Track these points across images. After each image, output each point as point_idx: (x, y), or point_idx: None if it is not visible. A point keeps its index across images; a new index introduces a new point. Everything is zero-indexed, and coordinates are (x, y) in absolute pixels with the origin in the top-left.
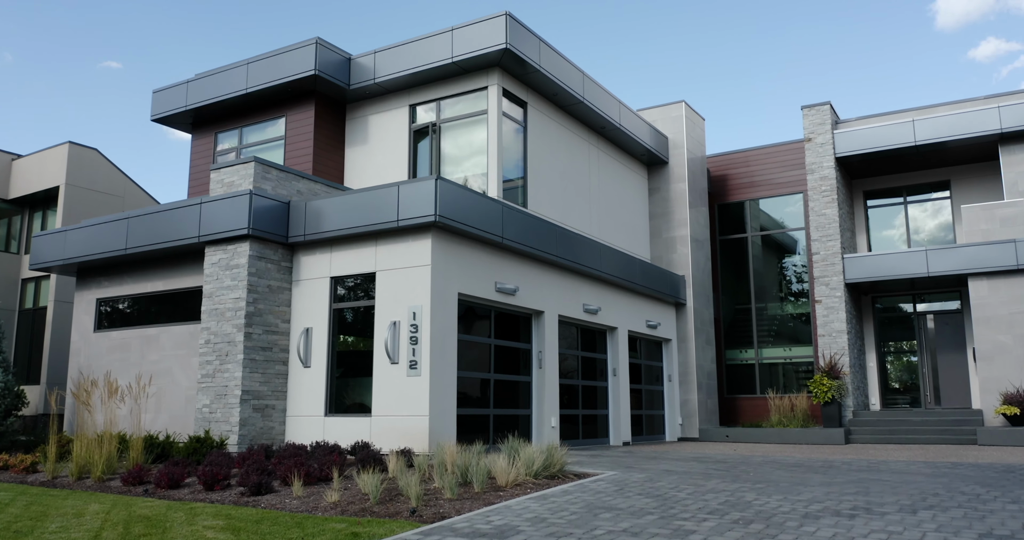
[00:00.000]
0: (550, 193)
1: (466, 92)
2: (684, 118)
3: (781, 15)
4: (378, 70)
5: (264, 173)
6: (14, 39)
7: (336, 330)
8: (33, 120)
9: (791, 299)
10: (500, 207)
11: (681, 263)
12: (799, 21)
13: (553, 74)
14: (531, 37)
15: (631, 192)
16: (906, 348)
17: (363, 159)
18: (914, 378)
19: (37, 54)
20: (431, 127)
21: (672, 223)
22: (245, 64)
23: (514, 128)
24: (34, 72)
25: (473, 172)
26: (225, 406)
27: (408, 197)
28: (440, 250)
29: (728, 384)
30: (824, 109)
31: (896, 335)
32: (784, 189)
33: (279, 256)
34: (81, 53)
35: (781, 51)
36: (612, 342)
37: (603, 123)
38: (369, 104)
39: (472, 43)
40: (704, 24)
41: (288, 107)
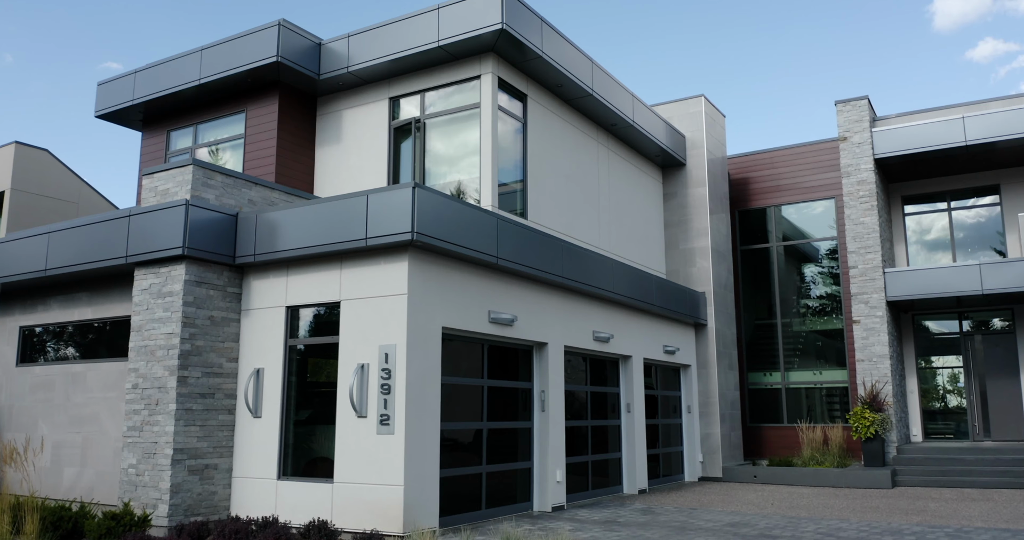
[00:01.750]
0: (553, 200)
1: (455, 82)
2: (704, 114)
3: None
4: (352, 57)
5: (206, 179)
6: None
7: (293, 372)
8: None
9: (820, 316)
10: (495, 220)
11: (700, 278)
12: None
13: (557, 61)
14: (532, 17)
15: (644, 198)
16: (950, 371)
17: (336, 161)
18: (958, 403)
19: (37, 54)
20: (414, 124)
21: (690, 233)
22: (199, 51)
23: (512, 125)
24: (34, 72)
25: (463, 176)
26: (154, 468)
27: (379, 209)
28: (419, 275)
29: (751, 411)
30: (861, 105)
31: (939, 356)
32: (814, 194)
33: (224, 280)
34: (81, 53)
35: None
36: (626, 373)
37: (614, 120)
38: (343, 97)
39: (462, 23)
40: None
41: (249, 101)
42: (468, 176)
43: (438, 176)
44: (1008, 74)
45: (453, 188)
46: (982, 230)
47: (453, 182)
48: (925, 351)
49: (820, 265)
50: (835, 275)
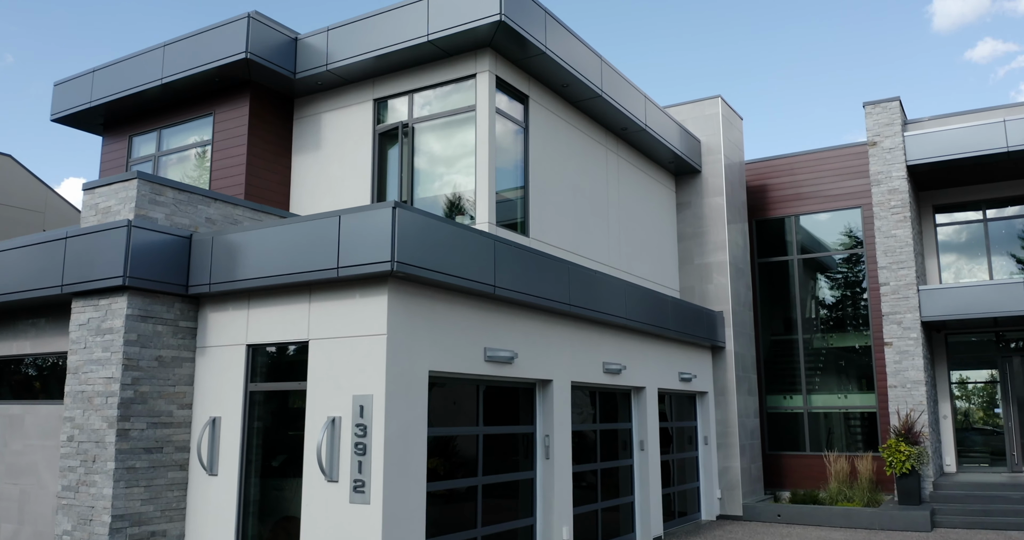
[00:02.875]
0: (558, 214)
1: (447, 82)
2: (721, 117)
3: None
4: (332, 53)
5: (154, 195)
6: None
7: (256, 422)
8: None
9: (844, 334)
10: (491, 243)
11: (718, 296)
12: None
13: (563, 58)
14: (534, 7)
15: (657, 208)
16: (986, 393)
17: (315, 170)
18: (993, 427)
19: (38, 55)
20: (402, 128)
21: (706, 246)
22: (162, 47)
23: (512, 130)
24: (35, 73)
25: (457, 188)
26: (90, 536)
27: (353, 233)
28: (401, 311)
29: (770, 437)
30: (892, 107)
31: (973, 377)
32: (838, 203)
33: (175, 314)
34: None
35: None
36: (638, 406)
37: (625, 123)
38: (322, 98)
39: (454, 14)
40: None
41: (217, 102)
42: (462, 188)
43: (428, 187)
44: (1007, 74)
45: (445, 202)
46: (1022, 242)
47: (445, 194)
48: (958, 371)
49: (845, 279)
50: (861, 290)
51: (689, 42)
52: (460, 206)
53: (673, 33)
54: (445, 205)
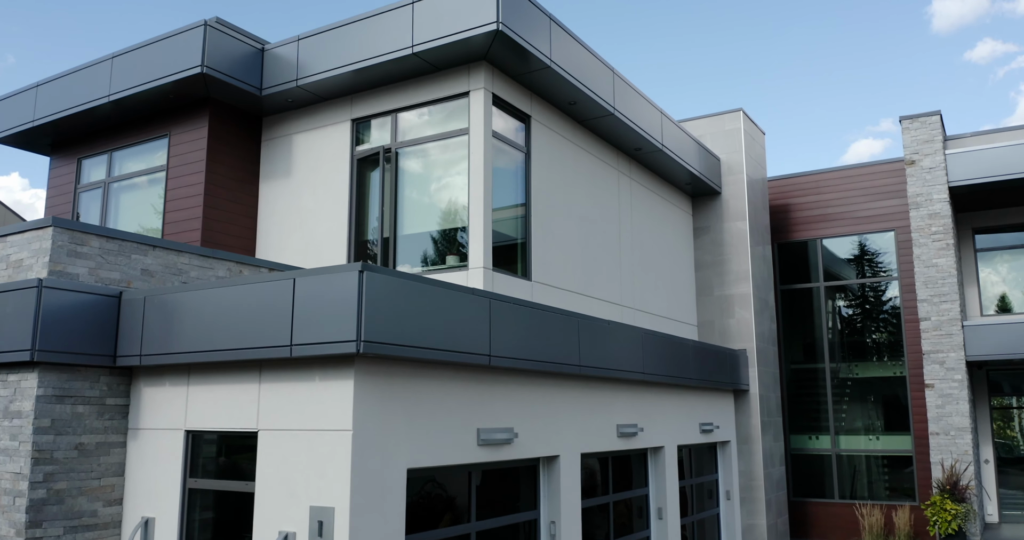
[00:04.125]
0: (564, 251)
1: (436, 101)
2: (743, 132)
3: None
4: (303, 66)
5: (75, 245)
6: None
7: (195, 528)
8: None
9: (876, 367)
10: (486, 304)
11: (740, 332)
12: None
13: (571, 73)
14: (536, 14)
15: (673, 235)
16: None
17: (285, 200)
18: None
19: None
20: (383, 154)
21: (727, 276)
22: (110, 59)
23: (511, 155)
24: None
25: (447, 225)
26: None
27: (311, 301)
28: (373, 398)
29: (795, 482)
30: (932, 122)
31: (1015, 415)
32: (868, 225)
33: (102, 389)
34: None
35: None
36: (656, 468)
37: (639, 143)
38: (293, 117)
39: (443, 22)
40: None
41: (173, 122)
42: (453, 224)
43: (414, 222)
44: (1007, 75)
45: (433, 240)
46: None
47: (433, 231)
48: (999, 409)
49: (875, 308)
50: (893, 317)
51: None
52: (451, 245)
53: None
54: (433, 246)
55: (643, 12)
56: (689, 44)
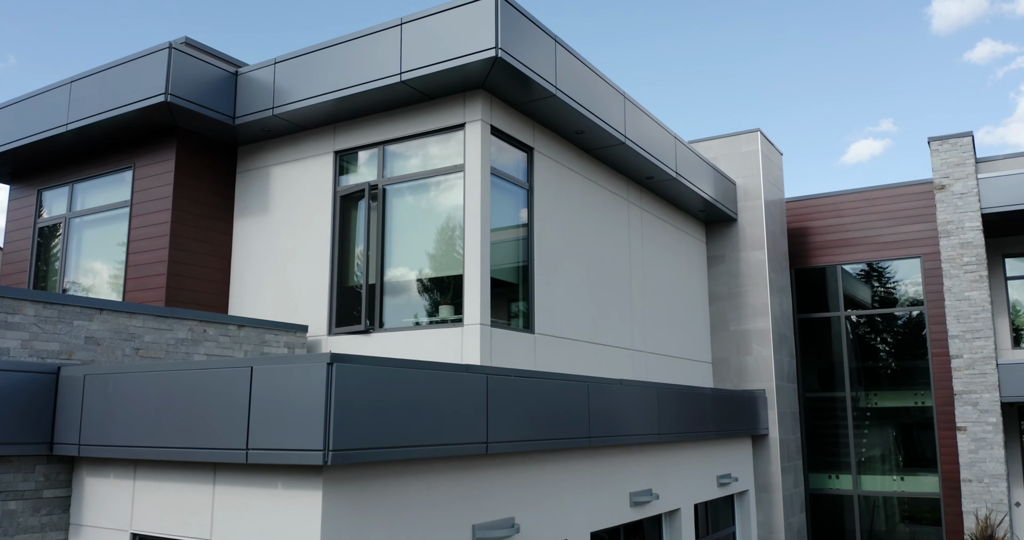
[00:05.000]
0: (571, 294)
1: (428, 133)
2: (760, 154)
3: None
4: (280, 93)
5: (5, 314)
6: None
7: None
8: None
9: (900, 398)
10: (483, 382)
11: (759, 370)
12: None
13: (579, 101)
14: (540, 36)
15: (686, 266)
16: None
17: (262, 240)
18: None
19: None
20: (369, 191)
21: (744, 309)
22: (69, 83)
23: (512, 192)
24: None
25: (440, 271)
26: None
27: (272, 398)
28: (345, 509)
29: (814, 526)
30: (964, 143)
31: None
32: (892, 251)
33: (38, 481)
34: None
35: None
36: (671, 531)
37: (652, 171)
38: (271, 147)
39: (435, 47)
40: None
41: (138, 152)
42: (447, 270)
43: (403, 268)
44: (1006, 75)
45: (423, 288)
46: None
47: (425, 278)
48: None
49: (899, 339)
50: (918, 346)
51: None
52: (444, 294)
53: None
54: (425, 294)
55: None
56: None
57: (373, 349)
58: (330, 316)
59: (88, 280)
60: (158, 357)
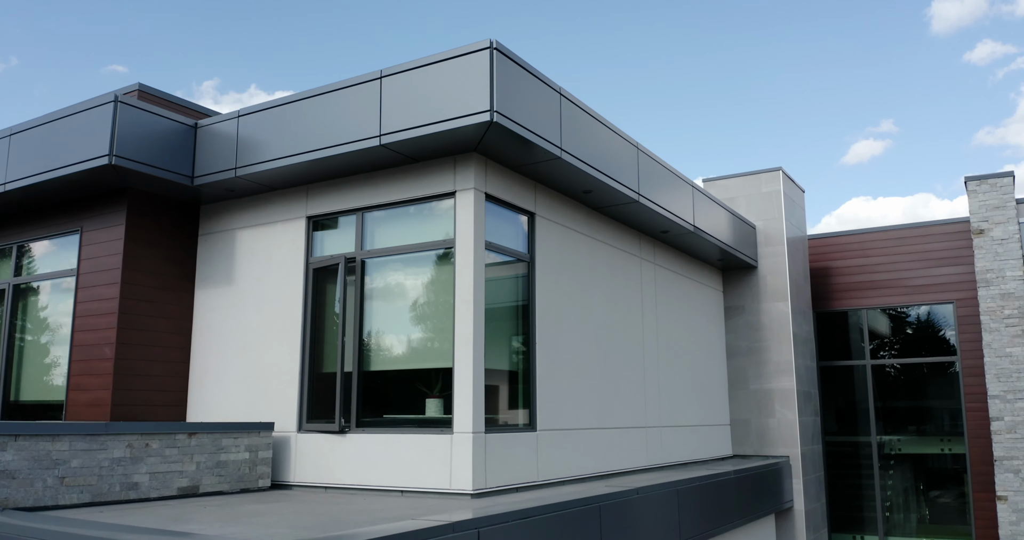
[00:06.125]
0: (578, 376)
1: (413, 201)
2: (782, 195)
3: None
4: (245, 151)
5: None
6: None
7: None
8: None
9: (921, 436)
10: (473, 538)
11: (782, 434)
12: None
13: (587, 161)
14: (543, 91)
15: (702, 320)
16: None
17: (225, 315)
18: None
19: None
20: (346, 264)
21: (765, 366)
22: (7, 137)
23: (509, 267)
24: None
25: (427, 362)
26: None
27: None
28: None
29: None
30: (1005, 184)
31: None
32: (923, 295)
33: None
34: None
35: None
36: None
37: (668, 226)
38: (236, 209)
39: (420, 108)
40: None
41: (85, 213)
42: (434, 361)
43: (385, 356)
44: (1006, 76)
45: (407, 381)
46: None
47: (410, 369)
48: None
49: (930, 387)
50: (948, 394)
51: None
52: (432, 386)
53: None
54: (408, 387)
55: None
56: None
57: (348, 454)
58: (300, 409)
59: (32, 358)
60: (89, 484)
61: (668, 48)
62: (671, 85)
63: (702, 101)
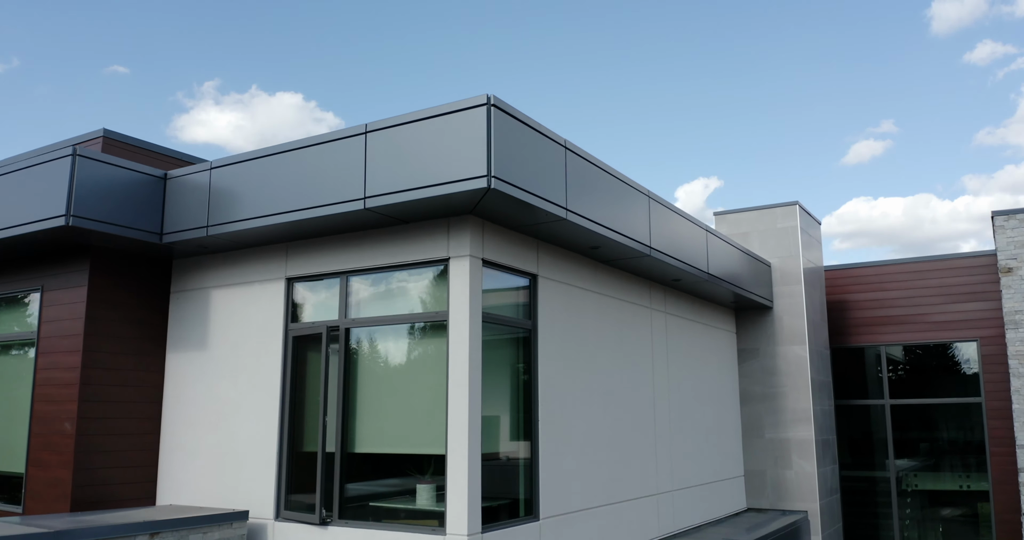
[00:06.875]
0: (584, 452)
1: (403, 266)
2: (799, 231)
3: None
4: (217, 208)
5: None
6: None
7: None
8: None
9: (935, 472)
10: None
11: (800, 487)
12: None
13: (596, 220)
14: (546, 146)
15: (714, 366)
16: None
17: (197, 383)
18: None
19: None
20: (329, 333)
21: (782, 414)
22: None
23: (509, 337)
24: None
25: (418, 447)
26: None
27: None
28: None
29: None
30: None
31: None
32: (944, 332)
33: None
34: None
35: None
36: None
37: (680, 274)
38: (210, 265)
39: (409, 169)
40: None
41: (47, 270)
42: (426, 446)
43: (372, 436)
44: (1006, 76)
45: (394, 466)
46: None
47: (398, 451)
48: None
49: (950, 424)
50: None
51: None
52: (424, 470)
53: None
54: (397, 474)
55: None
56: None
57: None
58: (279, 493)
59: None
60: None
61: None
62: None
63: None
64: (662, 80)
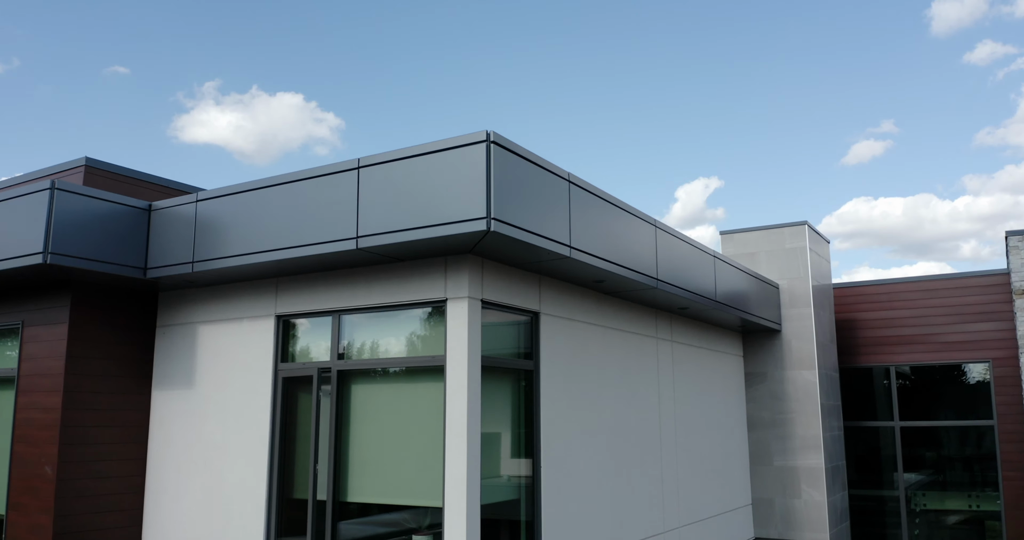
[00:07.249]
0: (587, 491)
1: (398, 306)
2: (808, 252)
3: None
4: (204, 243)
5: None
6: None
7: None
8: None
9: (943, 491)
10: None
11: (810, 517)
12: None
13: (601, 255)
14: (549, 181)
15: (721, 392)
16: None
17: (183, 423)
18: None
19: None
20: (320, 375)
21: (791, 441)
22: None
23: (509, 379)
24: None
25: (416, 496)
26: None
27: None
28: None
29: None
30: None
31: None
32: (955, 353)
33: None
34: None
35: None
36: None
37: (686, 303)
38: (197, 299)
39: (403, 208)
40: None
41: (27, 304)
42: (423, 500)
43: (366, 484)
44: (1006, 76)
45: (387, 515)
46: None
47: (393, 502)
48: None
49: (960, 446)
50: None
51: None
52: (420, 521)
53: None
54: (392, 523)
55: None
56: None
57: None
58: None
59: None
60: None
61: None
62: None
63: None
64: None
